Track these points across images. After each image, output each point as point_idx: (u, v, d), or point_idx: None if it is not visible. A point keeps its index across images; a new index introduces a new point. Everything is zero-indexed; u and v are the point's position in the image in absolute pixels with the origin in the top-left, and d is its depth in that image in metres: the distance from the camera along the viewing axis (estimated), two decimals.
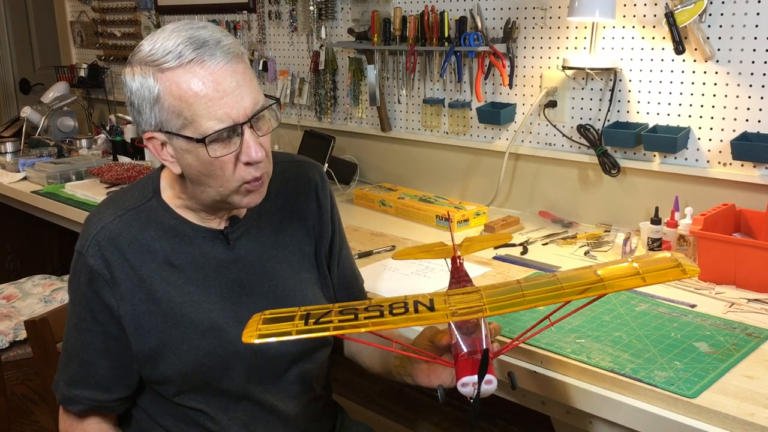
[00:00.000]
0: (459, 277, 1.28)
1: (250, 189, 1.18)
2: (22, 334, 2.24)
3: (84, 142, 3.43)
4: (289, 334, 0.98)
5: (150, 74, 1.12)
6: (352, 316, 1.00)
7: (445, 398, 1.10)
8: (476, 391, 1.01)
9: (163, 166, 1.28)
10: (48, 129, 3.62)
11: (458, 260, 1.33)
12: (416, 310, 1.00)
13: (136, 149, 3.13)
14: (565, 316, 1.07)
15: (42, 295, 2.57)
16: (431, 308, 1.00)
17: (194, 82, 1.09)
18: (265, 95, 1.17)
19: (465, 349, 1.06)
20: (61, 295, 2.55)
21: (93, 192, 2.63)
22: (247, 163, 1.15)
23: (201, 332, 1.23)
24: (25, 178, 2.98)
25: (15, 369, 2.28)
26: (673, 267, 0.98)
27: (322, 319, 1.00)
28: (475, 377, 1.01)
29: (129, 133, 3.20)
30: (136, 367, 1.25)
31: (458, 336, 1.07)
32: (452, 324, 1.09)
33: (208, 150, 1.12)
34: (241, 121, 1.12)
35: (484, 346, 1.05)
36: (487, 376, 1.01)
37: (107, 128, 3.43)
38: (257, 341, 0.97)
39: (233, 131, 1.12)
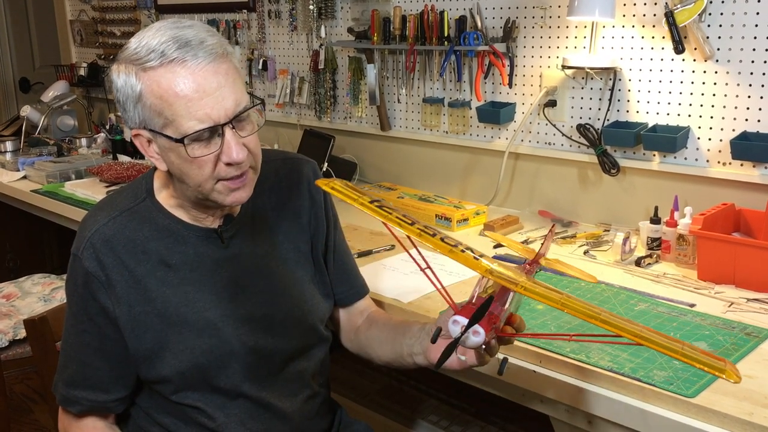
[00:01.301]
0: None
1: (232, 187, 1.18)
2: (22, 333, 2.24)
3: (84, 141, 3.42)
4: (354, 200, 1.12)
5: (133, 72, 1.12)
6: (410, 222, 1.09)
7: (437, 338, 1.10)
8: (461, 333, 1.02)
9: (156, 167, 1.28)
10: (48, 128, 3.62)
11: (535, 265, 1.31)
12: (463, 251, 1.05)
13: (135, 148, 3.11)
14: (585, 339, 1.08)
15: (41, 294, 2.57)
16: (477, 258, 1.04)
17: (175, 82, 1.10)
18: (251, 95, 1.17)
19: (475, 302, 1.07)
20: (60, 294, 2.54)
21: (93, 191, 2.63)
22: (228, 164, 1.15)
23: (197, 331, 1.23)
24: (24, 177, 2.97)
25: (14, 368, 2.28)
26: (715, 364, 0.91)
27: (386, 208, 1.11)
28: (467, 320, 1.02)
29: (128, 132, 3.19)
30: (134, 368, 1.25)
31: (478, 292, 1.09)
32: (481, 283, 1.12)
33: (188, 150, 1.12)
34: (221, 121, 1.12)
35: (498, 314, 1.06)
36: (477, 327, 1.02)
37: (107, 127, 3.43)
38: (325, 187, 1.16)
39: (214, 132, 1.12)
